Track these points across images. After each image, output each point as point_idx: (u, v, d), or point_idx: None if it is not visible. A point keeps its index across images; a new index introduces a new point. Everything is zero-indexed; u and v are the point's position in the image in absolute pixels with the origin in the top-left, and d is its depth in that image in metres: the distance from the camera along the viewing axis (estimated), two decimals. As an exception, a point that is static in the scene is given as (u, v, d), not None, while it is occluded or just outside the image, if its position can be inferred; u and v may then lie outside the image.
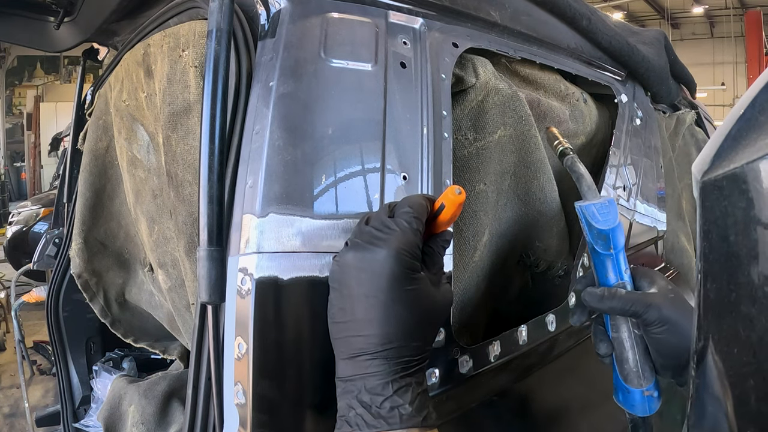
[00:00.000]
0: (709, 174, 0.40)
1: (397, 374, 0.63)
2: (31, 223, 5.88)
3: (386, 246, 0.63)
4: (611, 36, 1.34)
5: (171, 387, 1.38)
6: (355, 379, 0.64)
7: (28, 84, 15.63)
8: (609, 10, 15.41)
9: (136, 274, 1.59)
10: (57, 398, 1.87)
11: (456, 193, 0.70)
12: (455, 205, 0.71)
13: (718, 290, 0.42)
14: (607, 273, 0.83)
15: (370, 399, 0.62)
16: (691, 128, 2.12)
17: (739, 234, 0.40)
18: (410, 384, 0.64)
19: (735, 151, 0.39)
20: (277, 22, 0.79)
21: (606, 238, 0.81)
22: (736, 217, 0.39)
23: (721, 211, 0.40)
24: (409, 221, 0.66)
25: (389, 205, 0.70)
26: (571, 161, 0.89)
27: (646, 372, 0.81)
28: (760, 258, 0.39)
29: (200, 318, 0.76)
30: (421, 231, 0.67)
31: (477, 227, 0.99)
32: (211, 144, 0.69)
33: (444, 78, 0.88)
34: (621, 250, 0.82)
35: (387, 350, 0.63)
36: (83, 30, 1.48)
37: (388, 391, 0.62)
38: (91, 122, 1.53)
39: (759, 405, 0.40)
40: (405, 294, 0.64)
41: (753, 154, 0.38)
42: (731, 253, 0.40)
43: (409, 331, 0.64)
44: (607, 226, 0.81)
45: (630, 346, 0.82)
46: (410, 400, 0.62)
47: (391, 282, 0.63)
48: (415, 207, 0.68)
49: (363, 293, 0.63)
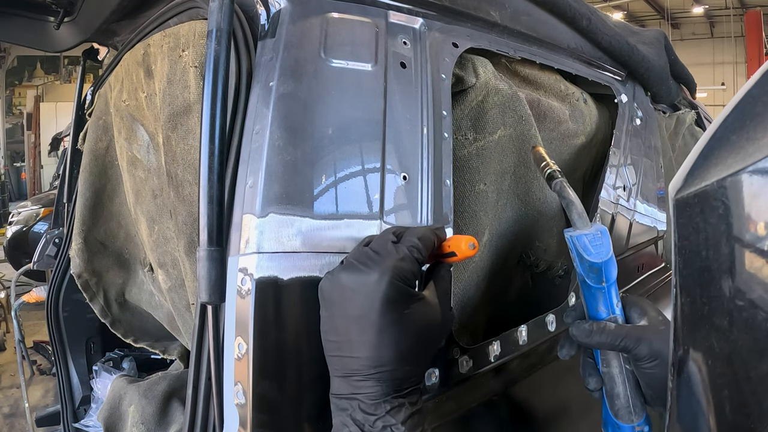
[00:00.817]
0: (682, 192, 0.42)
1: (389, 395, 0.63)
2: (31, 223, 5.88)
3: (379, 269, 0.63)
4: (611, 36, 1.34)
5: (171, 387, 1.37)
6: (348, 398, 0.64)
7: (28, 84, 15.62)
8: (609, 10, 15.40)
9: (136, 274, 1.59)
10: (57, 398, 1.87)
11: (470, 247, 0.70)
12: (465, 257, 0.71)
13: (692, 304, 0.43)
14: (597, 306, 0.80)
15: (363, 418, 0.62)
16: (691, 128, 2.12)
17: (711, 249, 0.41)
18: (403, 404, 0.64)
19: (706, 169, 0.41)
20: (277, 22, 0.79)
21: (598, 271, 0.78)
22: (708, 233, 0.41)
23: (694, 227, 0.41)
24: (410, 249, 0.66)
25: (395, 231, 0.69)
26: (560, 186, 0.85)
27: (637, 407, 0.78)
28: (731, 272, 0.40)
29: (200, 318, 0.76)
30: (421, 261, 0.67)
31: (477, 227, 0.99)
32: (211, 144, 0.69)
33: (444, 78, 0.88)
34: (613, 284, 0.79)
35: (380, 373, 0.63)
36: (83, 30, 1.48)
37: (381, 411, 0.62)
38: (91, 122, 1.53)
39: (734, 416, 0.40)
40: (398, 318, 0.63)
41: (723, 171, 0.39)
42: (704, 268, 0.42)
43: (402, 355, 0.64)
44: (599, 259, 0.78)
45: (621, 381, 0.79)
46: (403, 419, 0.63)
47: (384, 305, 0.63)
48: (423, 240, 0.67)
49: (356, 315, 0.63)
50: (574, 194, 0.84)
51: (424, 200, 0.81)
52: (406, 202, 0.79)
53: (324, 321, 0.67)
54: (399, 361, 0.64)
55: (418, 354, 0.67)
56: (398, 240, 0.67)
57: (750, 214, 0.38)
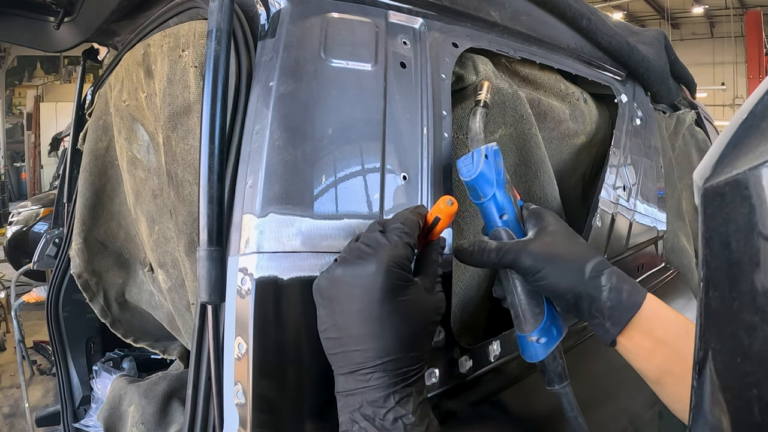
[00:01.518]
0: (710, 180, 0.40)
1: (398, 385, 0.63)
2: (31, 223, 5.88)
3: (375, 260, 0.63)
4: (611, 36, 1.34)
5: (171, 387, 1.38)
6: (355, 393, 0.64)
7: (28, 84, 15.62)
8: (609, 10, 15.40)
9: (136, 274, 1.59)
10: (57, 398, 1.87)
11: (448, 204, 0.71)
12: (449, 216, 0.72)
13: (721, 298, 0.41)
14: (489, 220, 0.83)
15: (373, 412, 0.62)
16: (691, 128, 2.12)
17: (741, 241, 0.39)
18: (411, 394, 0.64)
19: (736, 157, 0.39)
20: (277, 22, 0.79)
21: (473, 189, 0.82)
22: (738, 223, 0.39)
23: (723, 218, 0.40)
24: (399, 236, 0.66)
25: (380, 222, 0.70)
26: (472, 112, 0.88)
27: (528, 318, 0.80)
28: (762, 265, 0.38)
29: (200, 318, 0.76)
30: (411, 245, 0.67)
31: (478, 227, 0.99)
32: (211, 144, 0.69)
33: (444, 78, 0.88)
34: (492, 198, 0.81)
35: (385, 363, 0.63)
36: (83, 30, 1.48)
37: (390, 402, 0.62)
38: (91, 122, 1.53)
39: (762, 416, 0.39)
40: (398, 306, 0.64)
41: (754, 160, 0.38)
42: (733, 261, 0.40)
43: (406, 342, 0.64)
44: (468, 178, 0.81)
45: (511, 292, 0.81)
46: (412, 409, 0.63)
47: (384, 295, 0.63)
48: (407, 223, 0.68)
49: (356, 308, 0.63)
50: (479, 124, 0.87)
51: (424, 200, 0.81)
52: (406, 202, 0.79)
53: (323, 319, 0.66)
54: (404, 349, 0.64)
55: (420, 339, 0.68)
56: (384, 230, 0.68)
57: None
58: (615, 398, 1.12)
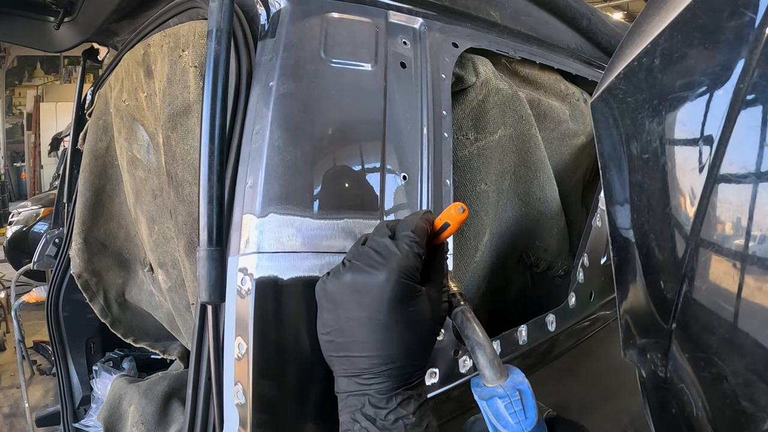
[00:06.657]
0: (593, 97, 0.58)
1: (400, 388, 0.64)
2: (31, 223, 5.87)
3: (386, 270, 0.63)
4: (611, 36, 1.34)
5: (171, 387, 1.38)
6: (357, 394, 0.64)
7: (28, 84, 15.60)
8: (609, 10, 15.37)
9: (136, 274, 1.59)
10: (57, 398, 1.87)
11: (459, 211, 0.69)
12: (459, 223, 0.71)
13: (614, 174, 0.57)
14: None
15: (374, 412, 0.63)
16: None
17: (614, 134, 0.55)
18: (412, 396, 0.65)
19: (608, 76, 0.56)
20: (277, 22, 0.79)
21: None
22: (618, 119, 0.55)
23: (605, 121, 0.56)
24: (410, 245, 0.65)
25: (388, 225, 0.69)
26: (461, 319, 0.67)
27: None
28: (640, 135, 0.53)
29: (200, 318, 0.76)
30: (421, 255, 0.67)
31: (478, 227, 0.99)
32: (211, 144, 0.69)
33: (444, 78, 0.87)
34: None
35: (389, 369, 0.64)
36: (83, 30, 1.48)
37: (392, 404, 0.63)
38: (91, 122, 1.53)
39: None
40: (406, 315, 0.64)
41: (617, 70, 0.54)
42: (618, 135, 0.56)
43: (411, 350, 0.65)
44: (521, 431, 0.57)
45: None
46: (413, 410, 0.64)
47: (393, 305, 0.63)
48: (417, 231, 0.67)
49: (365, 316, 0.63)
50: (481, 331, 0.65)
51: (424, 200, 0.81)
52: (406, 201, 0.79)
53: (326, 322, 0.66)
54: (407, 356, 0.64)
55: (424, 346, 0.68)
56: (393, 234, 0.67)
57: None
58: (615, 398, 1.11)
